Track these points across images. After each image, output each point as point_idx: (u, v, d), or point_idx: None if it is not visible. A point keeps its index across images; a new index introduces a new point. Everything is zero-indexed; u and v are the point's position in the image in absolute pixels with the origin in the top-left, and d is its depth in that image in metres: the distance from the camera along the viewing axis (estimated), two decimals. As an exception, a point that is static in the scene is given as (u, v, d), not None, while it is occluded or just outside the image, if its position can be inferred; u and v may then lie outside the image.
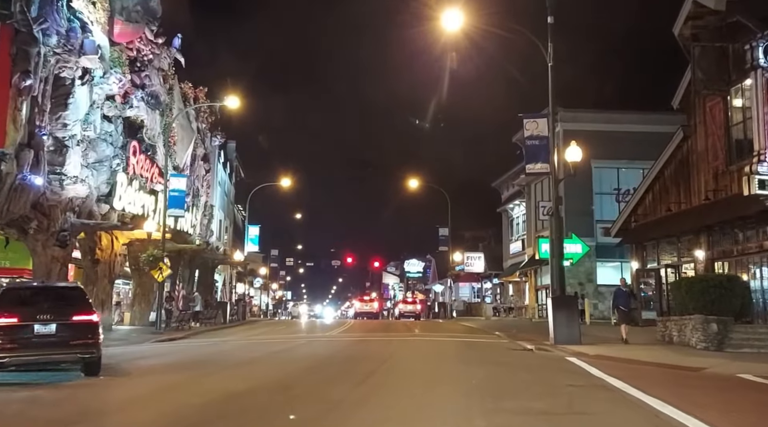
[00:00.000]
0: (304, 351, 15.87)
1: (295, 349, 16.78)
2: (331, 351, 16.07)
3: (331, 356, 14.40)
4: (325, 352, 15.76)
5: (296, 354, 14.99)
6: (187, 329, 28.60)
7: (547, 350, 16.30)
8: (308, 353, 15.37)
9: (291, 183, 49.00)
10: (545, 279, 44.57)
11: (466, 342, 19.46)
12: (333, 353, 15.55)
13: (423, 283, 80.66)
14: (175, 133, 34.02)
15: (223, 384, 9.98)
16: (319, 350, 16.75)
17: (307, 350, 16.18)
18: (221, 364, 12.53)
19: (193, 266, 38.31)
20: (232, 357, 14.60)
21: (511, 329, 27.23)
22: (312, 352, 15.74)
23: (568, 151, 19.10)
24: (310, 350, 16.66)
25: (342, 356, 14.56)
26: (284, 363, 12.48)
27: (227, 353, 16.14)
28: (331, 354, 14.94)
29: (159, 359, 14.93)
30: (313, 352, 15.79)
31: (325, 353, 15.45)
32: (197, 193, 38.60)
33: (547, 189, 44.13)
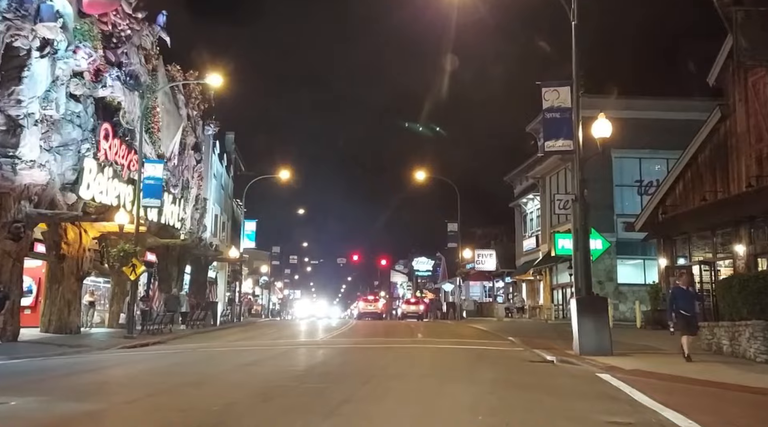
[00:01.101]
0: (277, 364, 13.07)
1: (268, 361, 13.98)
2: (309, 364, 13.27)
3: (306, 372, 11.59)
4: (301, 365, 12.97)
5: (264, 369, 12.19)
6: (167, 333, 25.91)
7: (572, 363, 13.42)
8: (280, 367, 12.57)
9: (291, 176, 46.40)
10: (561, 277, 41.63)
11: (476, 351, 16.61)
12: (311, 366, 12.76)
13: (432, 281, 77.83)
14: (160, 118, 31.37)
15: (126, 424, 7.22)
16: (296, 361, 13.97)
17: (281, 363, 13.38)
18: (158, 385, 9.73)
19: (182, 262, 35.63)
20: (183, 373, 11.82)
21: (526, 333, 24.38)
22: (286, 366, 12.95)
23: (596, 126, 16.19)
24: (286, 362, 13.86)
25: (319, 371, 11.76)
26: (239, 385, 9.68)
27: (184, 366, 13.38)
28: (307, 369, 12.14)
29: (96, 375, 12.20)
30: (287, 365, 12.99)
31: (300, 367, 12.65)
32: (187, 184, 35.94)
33: (563, 181, 41.19)
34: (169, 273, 34.93)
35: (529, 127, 45.49)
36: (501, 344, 19.93)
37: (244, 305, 53.39)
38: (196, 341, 23.03)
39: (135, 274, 22.89)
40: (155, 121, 30.72)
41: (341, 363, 13.38)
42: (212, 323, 33.83)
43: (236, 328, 33.35)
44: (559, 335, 23.82)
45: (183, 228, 35.53)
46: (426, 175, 47.41)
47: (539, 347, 17.41)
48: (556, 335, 23.81)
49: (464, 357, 15.09)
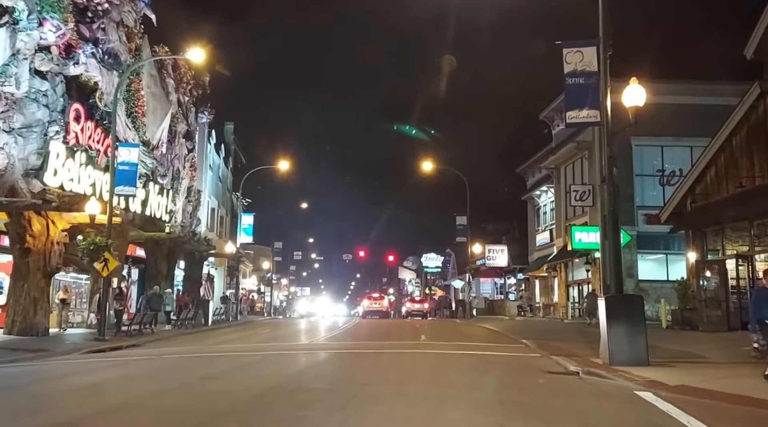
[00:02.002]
0: (241, 378, 10.75)
1: (234, 372, 11.68)
2: (282, 377, 10.91)
3: (272, 390, 9.25)
4: (271, 379, 10.61)
5: (223, 385, 9.88)
6: (148, 334, 23.71)
7: (602, 376, 11.00)
8: (244, 382, 10.25)
9: (290, 167, 43.85)
10: (578, 273, 39.11)
11: (484, 358, 14.23)
12: (282, 381, 10.41)
13: (442, 278, 75.39)
14: (145, 102, 29.10)
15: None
16: (267, 374, 11.61)
17: (247, 377, 11.05)
18: (73, 410, 7.43)
19: (172, 258, 33.38)
20: (117, 391, 9.50)
21: (541, 335, 22.00)
22: (252, 379, 10.62)
23: (628, 92, 13.75)
24: (255, 374, 11.53)
25: (290, 389, 9.41)
26: (170, 412, 7.31)
27: (128, 380, 11.13)
28: (276, 385, 9.79)
29: (22, 391, 9.93)
30: (254, 379, 10.67)
31: (269, 381, 10.30)
32: (177, 174, 33.68)
33: (579, 171, 38.66)
34: (159, 269, 32.71)
35: (542, 115, 43.02)
36: (513, 348, 17.52)
37: (243, 303, 51.24)
38: (176, 343, 20.78)
39: (107, 270, 20.60)
40: (139, 106, 28.45)
41: (321, 376, 11.05)
42: (203, 322, 31.57)
43: (229, 328, 31.10)
44: (578, 337, 21.41)
45: (174, 221, 33.30)
46: (433, 166, 44.92)
47: (558, 353, 15.02)
48: (575, 337, 21.40)
49: (470, 367, 12.69)
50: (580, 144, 36.73)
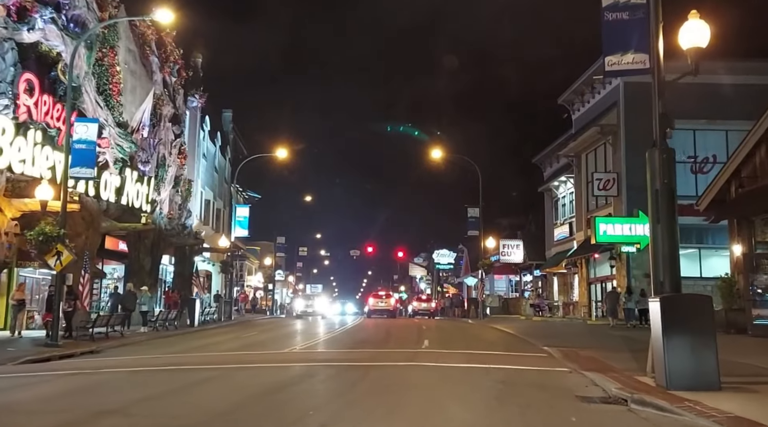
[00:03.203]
0: (157, 411, 7.79)
1: (159, 400, 8.86)
2: (213, 413, 7.86)
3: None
4: (194, 416, 7.60)
5: (124, 421, 6.85)
6: (116, 337, 20.95)
7: (662, 409, 7.96)
8: (152, 420, 7.22)
9: (288, 156, 40.82)
10: (600, 269, 35.91)
11: (497, 374, 11.21)
12: (206, 421, 7.38)
13: (455, 275, 72.23)
14: (122, 79, 26.25)
15: None
16: (198, 403, 8.69)
17: (170, 407, 8.16)
18: None
19: (157, 253, 30.50)
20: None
21: (565, 339, 18.96)
22: (167, 415, 7.63)
23: (686, 29, 10.64)
24: (182, 405, 8.65)
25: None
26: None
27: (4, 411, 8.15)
28: (197, 424, 6.77)
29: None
30: (170, 416, 7.66)
31: (187, 421, 7.28)
32: (162, 161, 30.85)
33: (602, 158, 35.45)
34: (142, 265, 29.88)
35: (561, 99, 39.83)
36: (534, 359, 14.47)
37: (241, 301, 48.44)
38: (139, 350, 17.93)
39: (60, 264, 17.74)
40: (114, 83, 25.61)
41: (267, 411, 8.04)
42: (188, 323, 28.69)
43: (215, 330, 28.18)
44: (609, 343, 18.35)
45: (159, 212, 30.53)
46: (443, 154, 41.81)
47: (591, 367, 11.99)
48: (605, 343, 18.34)
49: (478, 392, 9.63)
50: (603, 128, 33.55)
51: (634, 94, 32.52)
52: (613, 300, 29.65)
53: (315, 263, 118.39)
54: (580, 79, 36.51)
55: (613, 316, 28.99)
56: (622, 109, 32.68)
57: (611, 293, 30.50)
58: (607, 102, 34.27)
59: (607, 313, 30.39)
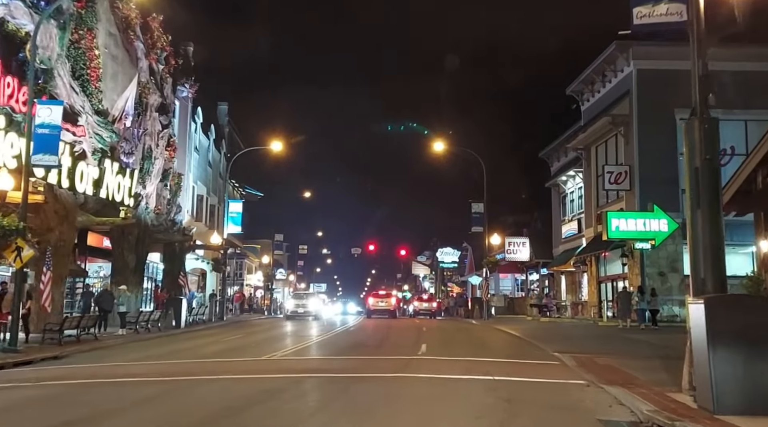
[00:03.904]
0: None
1: (85, 424, 6.98)
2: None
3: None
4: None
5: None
6: (90, 341, 19.30)
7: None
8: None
9: (284, 148, 38.95)
10: (611, 267, 34.10)
11: (503, 389, 9.49)
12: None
13: (459, 274, 70.42)
14: (101, 64, 24.56)
15: None
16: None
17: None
18: None
19: (141, 249, 28.79)
20: None
21: (576, 343, 17.27)
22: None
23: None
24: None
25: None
26: None
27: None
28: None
29: None
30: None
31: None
32: (149, 153, 29.17)
33: (613, 150, 33.64)
34: (126, 262, 28.15)
35: (570, 89, 38.01)
36: (544, 368, 12.74)
37: (236, 301, 46.76)
38: (109, 355, 16.29)
39: (20, 260, 16.05)
40: (92, 67, 23.91)
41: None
42: (174, 324, 26.99)
43: (203, 331, 26.50)
44: (626, 348, 16.62)
45: (146, 207, 28.87)
46: (445, 147, 40.00)
47: (612, 380, 10.28)
48: (622, 348, 16.61)
49: (480, 415, 7.86)
50: (615, 118, 31.75)
51: (647, 81, 30.76)
52: (625, 300, 27.92)
53: (318, 262, 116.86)
54: (590, 68, 34.70)
55: (625, 317, 27.27)
56: (635, 98, 30.87)
57: (623, 293, 28.75)
58: (618, 91, 32.45)
59: (618, 314, 28.64)
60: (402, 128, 51.77)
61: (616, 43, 31.52)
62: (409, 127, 51.75)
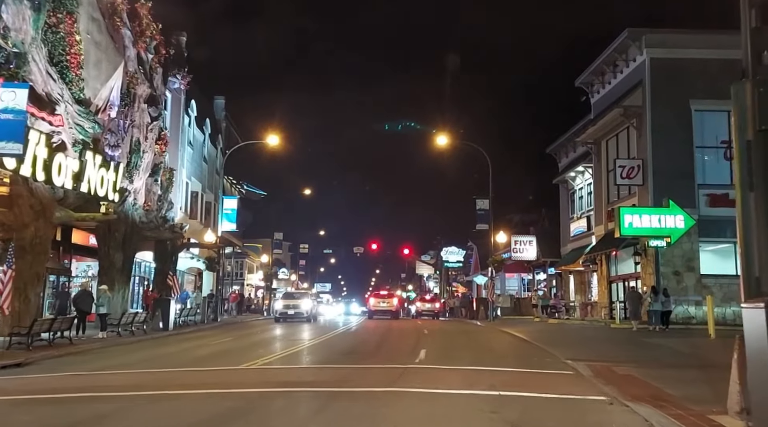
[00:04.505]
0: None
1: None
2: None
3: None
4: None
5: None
6: (64, 345, 17.87)
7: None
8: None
9: (280, 142, 37.51)
10: (623, 266, 32.55)
11: (510, 406, 8.10)
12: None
13: (464, 274, 68.95)
14: (83, 50, 23.12)
15: None
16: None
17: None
18: None
19: (129, 247, 27.34)
20: None
21: (591, 349, 15.76)
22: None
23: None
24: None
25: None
26: None
27: None
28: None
29: None
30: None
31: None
32: (137, 147, 27.73)
33: (626, 144, 32.05)
34: (112, 261, 26.70)
35: (579, 81, 36.45)
36: (557, 377, 11.25)
37: (232, 301, 45.33)
38: (77, 362, 14.91)
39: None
40: (72, 54, 22.46)
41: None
42: (161, 326, 25.55)
43: (191, 333, 25.07)
44: (645, 354, 15.12)
45: (134, 202, 27.46)
46: (449, 142, 38.47)
47: (637, 395, 8.84)
48: (641, 354, 15.13)
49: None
50: (627, 110, 30.19)
51: (661, 70, 29.21)
52: (635, 301, 26.47)
53: (322, 262, 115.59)
54: (600, 58, 33.14)
55: (636, 319, 25.83)
56: (648, 88, 29.29)
57: (632, 294, 27.31)
58: (630, 81, 30.89)
59: (629, 315, 27.15)
60: (399, 127, 50.29)
61: (628, 30, 30.01)
62: (406, 126, 50.23)
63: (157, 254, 32.13)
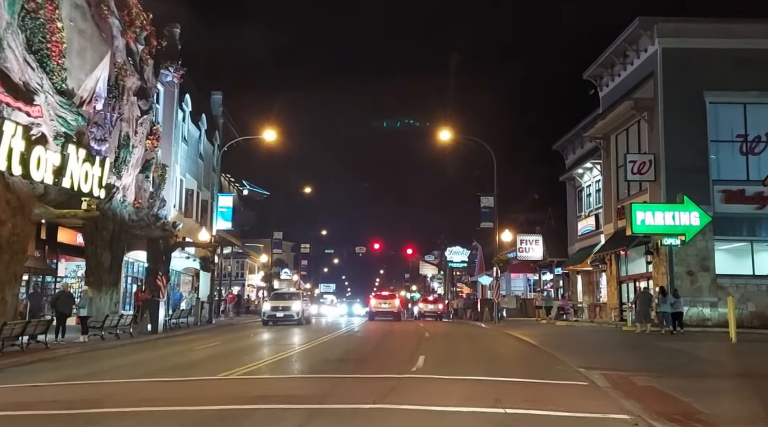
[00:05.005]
0: None
1: None
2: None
3: None
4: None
5: None
6: (39, 350, 16.72)
7: None
8: None
9: (277, 137, 36.23)
10: (634, 266, 31.21)
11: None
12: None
13: (469, 274, 67.66)
14: (65, 38, 21.91)
15: None
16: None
17: None
18: None
19: (116, 247, 26.11)
20: None
21: (604, 355, 14.53)
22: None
23: None
24: None
25: None
26: None
27: None
28: None
29: None
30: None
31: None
32: (126, 141, 26.54)
33: (636, 139, 30.74)
34: (100, 261, 25.48)
35: (587, 73, 35.14)
36: (570, 389, 10.03)
37: (229, 302, 44.12)
38: (45, 370, 13.74)
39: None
40: (53, 42, 21.25)
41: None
42: (149, 329, 24.33)
43: (180, 337, 23.85)
44: (662, 360, 13.86)
45: (122, 200, 26.29)
46: (451, 136, 37.19)
47: (664, 412, 7.65)
48: (657, 361, 13.86)
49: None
50: (637, 102, 28.91)
51: (674, 61, 27.93)
52: (645, 303, 25.23)
53: (326, 262, 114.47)
54: (609, 48, 31.83)
55: (644, 321, 24.61)
56: (661, 80, 27.99)
57: (644, 295, 26.05)
58: (641, 73, 29.58)
59: (636, 317, 25.89)
60: (398, 124, 49.18)
61: (639, 19, 28.72)
62: (405, 123, 49.13)
63: (149, 254, 30.92)
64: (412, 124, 45.63)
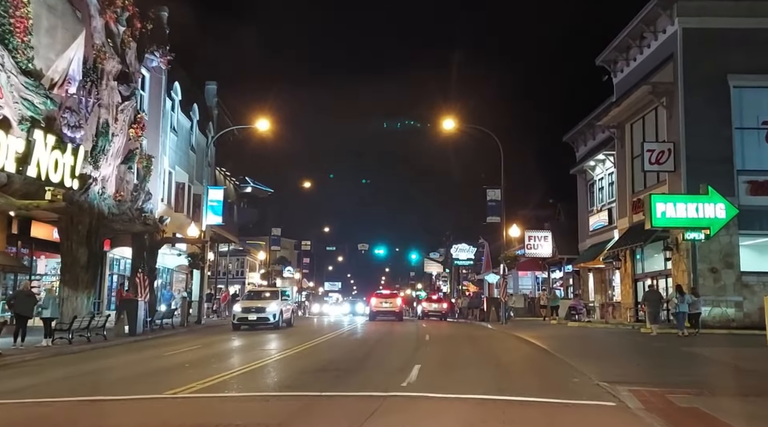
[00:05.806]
0: None
1: None
2: None
3: None
4: None
5: None
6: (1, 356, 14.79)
7: None
8: None
9: (271, 127, 34.34)
10: (650, 263, 29.11)
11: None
12: None
13: (475, 272, 65.70)
14: (30, 13, 20.12)
15: None
16: None
17: None
18: None
19: (94, 242, 24.23)
20: None
21: (625, 362, 12.56)
22: None
23: None
24: None
25: None
26: None
27: None
28: None
29: None
30: None
31: None
32: (105, 129, 24.71)
33: (653, 126, 28.65)
34: (76, 258, 23.63)
35: (600, 59, 33.02)
36: (592, 411, 8.17)
37: (222, 301, 42.28)
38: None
39: None
40: (18, 18, 19.52)
41: None
42: (125, 331, 22.43)
43: (158, 340, 21.90)
44: (696, 370, 11.88)
45: (102, 192, 24.47)
46: (459, 126, 35.19)
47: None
48: (691, 370, 11.87)
49: None
50: (655, 87, 26.82)
51: (695, 42, 25.85)
52: (654, 302, 23.32)
53: (330, 260, 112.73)
54: (625, 30, 29.73)
55: (655, 322, 22.70)
56: (681, 63, 25.91)
57: (651, 294, 24.13)
58: (659, 56, 27.51)
59: (648, 318, 23.96)
60: (398, 125, 47.65)
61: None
62: (405, 124, 47.56)
63: (135, 250, 29.07)
64: (413, 125, 43.94)
